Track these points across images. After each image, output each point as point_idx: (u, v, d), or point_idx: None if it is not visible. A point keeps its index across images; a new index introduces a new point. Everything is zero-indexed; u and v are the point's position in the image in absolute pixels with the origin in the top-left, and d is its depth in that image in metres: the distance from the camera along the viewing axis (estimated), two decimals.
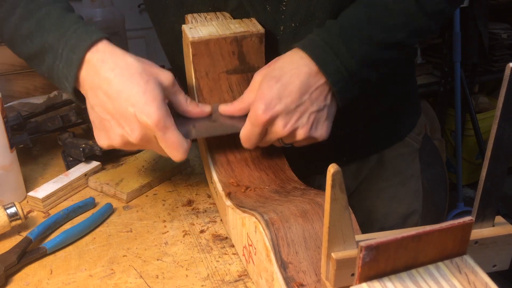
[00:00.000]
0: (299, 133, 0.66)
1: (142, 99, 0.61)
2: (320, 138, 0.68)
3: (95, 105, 0.65)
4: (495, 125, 0.44)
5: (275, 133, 0.66)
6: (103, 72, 0.63)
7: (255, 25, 0.71)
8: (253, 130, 0.66)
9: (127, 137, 0.63)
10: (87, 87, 0.65)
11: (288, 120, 0.65)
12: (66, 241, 0.69)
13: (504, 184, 0.48)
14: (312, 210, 0.58)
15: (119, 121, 0.63)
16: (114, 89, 0.62)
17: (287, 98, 0.64)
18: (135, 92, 0.61)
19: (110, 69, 0.63)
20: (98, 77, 0.63)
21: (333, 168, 0.40)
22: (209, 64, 0.69)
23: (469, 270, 0.42)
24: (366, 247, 0.39)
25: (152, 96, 0.61)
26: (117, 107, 0.62)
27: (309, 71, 0.65)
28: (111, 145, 0.66)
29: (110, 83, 0.63)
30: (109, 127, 0.64)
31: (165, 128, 0.62)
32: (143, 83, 0.62)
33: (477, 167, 2.59)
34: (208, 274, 0.63)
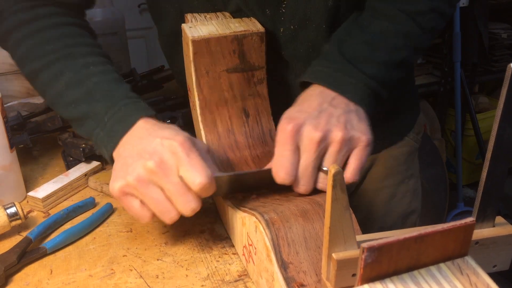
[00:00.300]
0: (335, 134, 0.60)
1: (171, 134, 0.60)
2: (364, 137, 0.61)
3: (122, 152, 0.64)
4: (496, 125, 0.44)
5: (308, 142, 0.59)
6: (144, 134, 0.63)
7: (255, 24, 0.71)
8: (284, 150, 0.60)
9: (143, 166, 0.58)
10: (120, 145, 0.65)
11: (317, 123, 0.60)
12: (66, 241, 0.69)
13: (504, 185, 0.48)
14: (313, 210, 0.58)
15: (141, 154, 0.60)
16: (146, 132, 0.62)
17: (307, 109, 0.62)
18: (165, 131, 0.61)
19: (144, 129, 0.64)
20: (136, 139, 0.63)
21: (334, 168, 0.40)
22: (209, 62, 0.69)
23: (471, 271, 0.42)
24: (368, 248, 0.39)
25: (183, 136, 0.60)
26: (145, 142, 0.61)
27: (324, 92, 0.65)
28: (123, 185, 0.60)
29: (143, 132, 0.63)
30: (129, 163, 0.61)
31: (190, 149, 0.59)
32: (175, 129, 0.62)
33: (477, 167, 2.60)
34: (208, 274, 0.63)
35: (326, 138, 0.60)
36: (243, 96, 0.72)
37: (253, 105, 0.72)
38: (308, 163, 0.60)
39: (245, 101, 0.72)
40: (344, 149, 0.60)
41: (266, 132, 0.73)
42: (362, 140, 0.61)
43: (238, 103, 0.72)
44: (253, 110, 0.72)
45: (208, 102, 0.71)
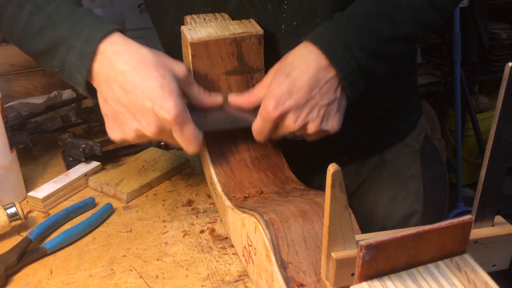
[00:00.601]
0: (310, 127, 0.67)
1: (160, 94, 0.61)
2: (331, 131, 0.69)
3: (109, 98, 0.65)
4: (494, 125, 0.44)
5: (286, 128, 0.67)
6: (118, 65, 0.63)
7: (254, 26, 0.71)
8: (264, 125, 0.67)
9: (142, 130, 0.63)
10: (101, 79, 0.65)
11: (299, 115, 0.65)
12: (66, 241, 0.69)
13: (503, 184, 0.48)
14: (312, 210, 0.58)
15: (135, 115, 0.63)
16: (130, 82, 0.62)
17: (296, 93, 0.65)
18: (152, 86, 0.62)
19: (125, 62, 0.63)
20: (113, 70, 0.63)
21: (333, 168, 0.40)
22: (208, 65, 0.69)
23: (469, 269, 0.42)
24: (366, 246, 0.39)
25: (170, 90, 0.62)
26: (134, 101, 0.62)
27: (318, 65, 0.65)
28: (124, 139, 0.66)
29: (125, 76, 0.63)
30: (123, 120, 0.64)
31: (182, 122, 0.62)
32: (159, 77, 0.62)
33: (477, 167, 2.59)
34: (208, 274, 0.63)
35: (302, 129, 0.67)
36: None
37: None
38: (280, 137, 0.70)
39: None
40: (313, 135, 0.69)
41: None
42: (329, 132, 0.69)
43: None
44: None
45: None
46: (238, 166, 0.71)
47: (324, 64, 0.65)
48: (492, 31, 2.45)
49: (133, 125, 0.63)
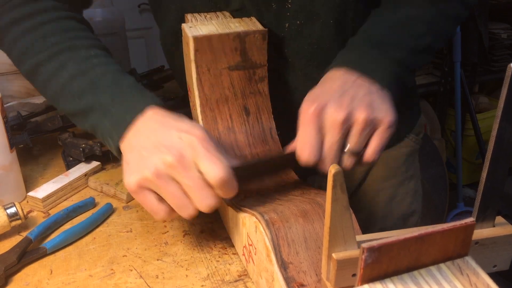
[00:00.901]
0: (359, 115, 0.59)
1: (186, 125, 0.60)
2: (387, 118, 0.61)
3: (135, 143, 0.61)
4: (496, 125, 0.44)
5: (332, 122, 0.59)
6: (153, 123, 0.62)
7: (255, 24, 0.71)
8: (308, 131, 0.59)
9: (161, 161, 0.57)
10: (130, 135, 0.62)
11: (340, 103, 0.59)
12: (66, 241, 0.69)
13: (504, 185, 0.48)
14: (313, 210, 0.58)
15: (158, 147, 0.58)
16: (158, 123, 0.61)
17: (329, 90, 0.62)
18: (180, 124, 0.60)
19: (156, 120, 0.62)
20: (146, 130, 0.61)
21: (334, 168, 0.40)
22: (211, 59, 0.69)
23: (471, 272, 0.42)
24: (368, 248, 0.39)
25: (200, 128, 0.60)
26: (160, 135, 0.59)
27: (347, 73, 0.64)
28: (140, 179, 0.58)
29: (155, 123, 0.61)
30: (145, 156, 0.59)
31: (208, 143, 0.58)
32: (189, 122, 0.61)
33: (477, 167, 2.59)
34: (208, 274, 0.63)
35: (350, 118, 0.59)
36: (244, 94, 0.72)
37: (254, 103, 0.72)
38: (332, 143, 0.60)
39: (246, 99, 0.72)
40: (367, 129, 0.60)
41: (266, 130, 0.73)
42: (385, 121, 0.61)
43: (239, 101, 0.72)
44: (253, 108, 0.72)
45: (208, 99, 0.70)
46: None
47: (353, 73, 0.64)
48: (492, 31, 2.45)
49: (153, 159, 0.58)
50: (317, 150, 0.60)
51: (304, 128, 0.60)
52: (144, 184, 0.58)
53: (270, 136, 0.73)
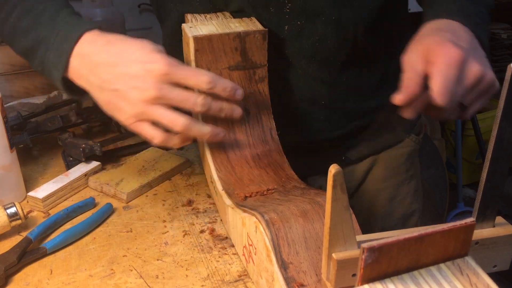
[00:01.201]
0: (489, 77, 0.63)
1: (143, 53, 0.62)
2: (496, 85, 0.64)
3: (100, 83, 0.64)
4: (496, 125, 0.44)
5: (474, 75, 0.61)
6: (98, 46, 0.64)
7: (255, 24, 0.71)
8: (452, 74, 0.59)
9: (145, 95, 0.61)
10: (85, 71, 0.65)
11: (480, 61, 0.62)
12: (66, 241, 0.69)
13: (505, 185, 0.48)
14: (313, 210, 0.58)
15: (131, 83, 0.62)
16: (113, 54, 0.63)
17: (464, 42, 0.63)
18: (134, 50, 0.63)
19: (105, 42, 0.65)
20: (94, 54, 0.64)
21: (334, 169, 0.40)
22: (211, 60, 0.69)
23: (471, 272, 0.42)
24: (368, 248, 0.39)
25: (150, 48, 0.63)
26: (123, 70, 0.62)
27: (464, 28, 0.66)
28: (136, 114, 0.63)
29: (108, 52, 0.63)
30: (124, 94, 0.62)
31: (177, 65, 0.61)
32: (139, 42, 0.64)
33: (477, 167, 2.59)
34: (208, 274, 0.63)
35: (484, 77, 0.62)
36: (244, 94, 0.72)
37: (254, 103, 0.72)
38: (465, 94, 0.62)
39: (246, 99, 0.72)
40: (488, 91, 0.64)
41: (266, 130, 0.73)
42: (495, 87, 0.64)
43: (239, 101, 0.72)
44: (253, 108, 0.72)
45: None
46: (238, 163, 0.71)
47: (469, 30, 0.66)
48: (492, 31, 2.45)
49: (134, 94, 0.62)
50: (453, 96, 0.60)
51: (448, 70, 0.59)
52: (136, 118, 0.63)
53: (270, 136, 0.73)
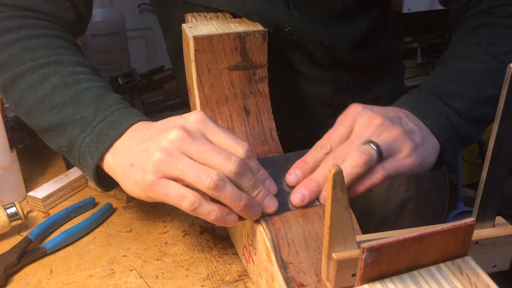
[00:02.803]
0: (394, 129, 0.59)
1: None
2: (413, 163, 0.60)
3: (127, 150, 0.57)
4: (496, 125, 0.44)
5: (368, 126, 0.59)
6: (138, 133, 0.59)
7: (255, 24, 0.71)
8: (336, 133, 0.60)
9: (166, 139, 0.54)
10: (117, 149, 0.59)
11: (386, 115, 0.60)
12: (66, 241, 0.69)
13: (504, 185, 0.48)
14: (313, 210, 0.58)
15: (157, 134, 0.55)
16: (150, 128, 0.58)
17: (410, 125, 0.62)
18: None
19: (147, 127, 0.59)
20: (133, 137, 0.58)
21: (334, 169, 0.40)
22: (211, 60, 0.69)
23: (471, 272, 0.42)
24: (368, 248, 0.39)
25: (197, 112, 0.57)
26: (156, 128, 0.57)
27: (402, 110, 0.65)
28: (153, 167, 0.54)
29: (146, 129, 0.58)
30: (146, 147, 0.55)
31: (213, 124, 0.55)
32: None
33: (477, 167, 2.59)
34: (208, 274, 0.63)
35: (412, 164, 0.60)
36: (244, 94, 0.72)
37: (254, 104, 0.72)
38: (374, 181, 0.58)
39: (246, 99, 0.72)
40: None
41: (266, 130, 0.73)
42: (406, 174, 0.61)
43: (239, 101, 0.72)
44: (254, 108, 0.72)
45: (208, 99, 0.70)
46: None
47: (408, 111, 0.65)
48: None
49: (156, 142, 0.55)
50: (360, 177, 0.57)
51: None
52: (159, 168, 0.53)
53: (270, 136, 0.73)
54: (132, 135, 0.59)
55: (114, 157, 0.59)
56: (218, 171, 0.52)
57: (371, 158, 0.56)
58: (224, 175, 0.52)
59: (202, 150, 0.53)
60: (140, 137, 0.58)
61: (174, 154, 0.53)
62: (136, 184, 0.55)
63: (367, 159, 0.55)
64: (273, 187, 0.57)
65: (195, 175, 0.52)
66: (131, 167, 0.56)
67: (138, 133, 0.59)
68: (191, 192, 0.53)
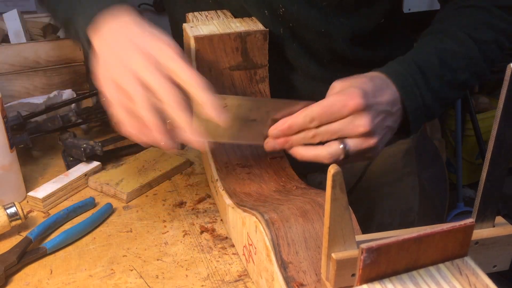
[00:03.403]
0: (371, 140, 0.62)
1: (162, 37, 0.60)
2: (373, 157, 0.66)
3: (105, 43, 0.62)
4: (496, 125, 0.44)
5: (355, 127, 0.61)
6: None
7: (256, 24, 0.71)
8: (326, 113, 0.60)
9: (135, 60, 0.57)
10: (104, 32, 0.63)
11: (374, 118, 0.61)
12: (66, 241, 0.69)
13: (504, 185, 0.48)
14: (313, 210, 0.58)
15: (134, 50, 0.58)
16: (132, 29, 0.61)
17: (381, 97, 0.63)
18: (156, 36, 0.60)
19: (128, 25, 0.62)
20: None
21: (333, 169, 0.40)
22: (212, 59, 0.69)
23: (470, 272, 0.42)
24: (367, 249, 0.39)
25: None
26: (137, 39, 0.60)
27: (393, 95, 0.65)
28: (113, 73, 0.58)
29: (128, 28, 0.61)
30: (121, 55, 0.59)
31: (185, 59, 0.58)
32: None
33: (477, 167, 2.59)
34: (208, 274, 0.63)
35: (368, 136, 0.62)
36: (245, 94, 0.72)
37: None
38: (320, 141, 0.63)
39: None
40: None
41: None
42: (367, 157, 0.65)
43: None
44: None
45: None
46: (239, 163, 0.71)
47: (396, 96, 0.65)
48: None
49: (128, 59, 0.58)
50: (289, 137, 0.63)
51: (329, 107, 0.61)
52: (116, 78, 0.58)
53: None
54: (114, 24, 0.63)
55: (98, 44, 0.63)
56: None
57: (337, 159, 0.62)
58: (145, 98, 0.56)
59: (156, 83, 0.56)
60: (118, 39, 0.61)
61: (132, 77, 0.57)
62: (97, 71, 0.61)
63: (333, 160, 0.61)
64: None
65: (140, 104, 0.56)
66: (104, 61, 0.60)
67: (116, 24, 0.62)
68: (129, 122, 0.57)
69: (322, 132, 0.61)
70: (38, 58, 1.06)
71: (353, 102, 0.60)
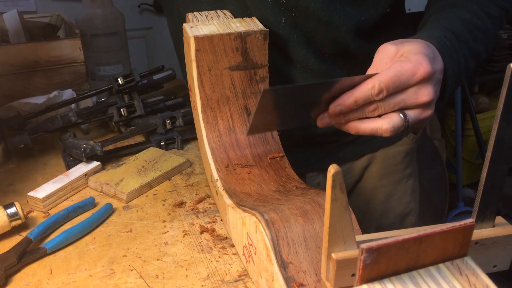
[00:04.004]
0: (429, 111, 0.60)
1: None
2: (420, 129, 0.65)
3: None
4: (496, 126, 0.44)
5: (418, 97, 0.58)
6: None
7: (256, 24, 0.71)
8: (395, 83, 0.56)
9: None
10: None
11: (434, 87, 0.59)
12: (66, 241, 0.69)
13: (504, 185, 0.48)
14: (313, 210, 0.58)
15: None
16: None
17: (436, 65, 0.60)
18: None
19: None
20: None
21: (333, 169, 0.40)
22: (212, 60, 0.69)
23: (470, 272, 0.42)
24: (367, 249, 0.39)
25: None
26: None
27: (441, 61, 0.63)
28: None
29: None
30: None
31: None
32: None
33: (477, 167, 2.59)
34: (208, 274, 0.63)
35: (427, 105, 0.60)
36: (245, 94, 0.72)
37: (255, 104, 0.72)
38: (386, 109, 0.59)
39: (246, 99, 0.72)
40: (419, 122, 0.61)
41: None
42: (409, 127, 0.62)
43: (240, 101, 0.72)
44: (254, 108, 0.72)
45: (209, 99, 0.70)
46: (239, 163, 0.71)
47: (442, 63, 0.63)
48: None
49: None
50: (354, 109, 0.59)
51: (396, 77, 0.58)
52: None
53: (270, 136, 0.73)
54: None
55: None
56: None
57: (397, 132, 0.58)
58: None
59: None
60: None
61: None
62: None
63: (394, 133, 0.58)
64: None
65: None
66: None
67: None
68: None
69: (385, 104, 0.58)
70: (38, 58, 1.06)
71: (423, 70, 0.56)
